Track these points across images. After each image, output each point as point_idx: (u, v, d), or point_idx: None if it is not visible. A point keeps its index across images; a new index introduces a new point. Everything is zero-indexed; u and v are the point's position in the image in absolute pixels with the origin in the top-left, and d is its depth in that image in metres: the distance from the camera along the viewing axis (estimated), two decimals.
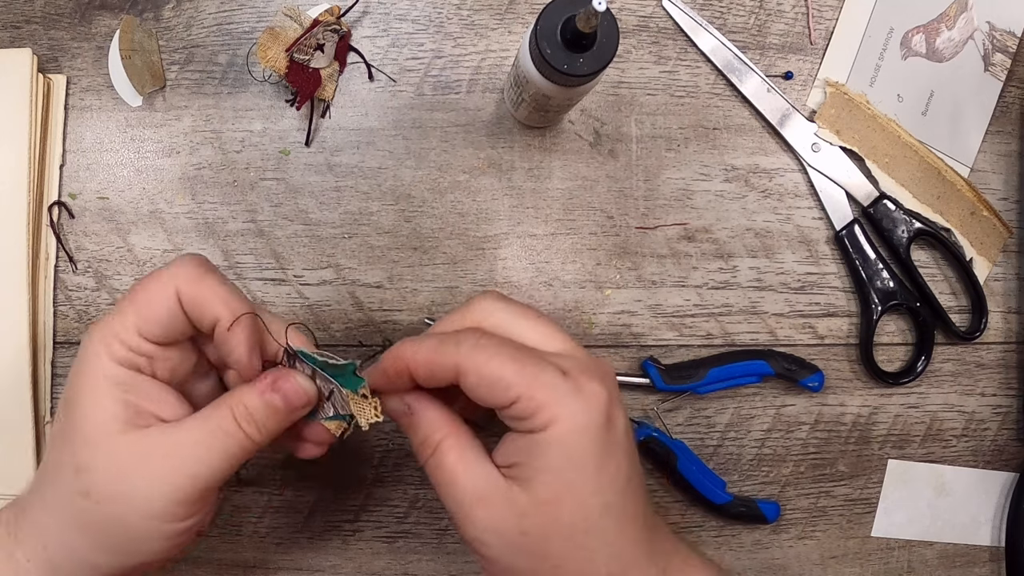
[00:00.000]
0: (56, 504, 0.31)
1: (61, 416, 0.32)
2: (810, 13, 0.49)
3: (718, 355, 0.48)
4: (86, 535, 0.31)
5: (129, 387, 0.31)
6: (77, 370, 0.31)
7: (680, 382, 0.46)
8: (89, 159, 0.45)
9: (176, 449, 0.30)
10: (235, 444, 0.31)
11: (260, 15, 0.46)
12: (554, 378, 0.29)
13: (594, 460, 0.30)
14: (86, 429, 0.30)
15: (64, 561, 0.31)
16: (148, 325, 0.30)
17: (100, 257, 0.45)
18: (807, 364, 0.47)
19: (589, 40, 0.35)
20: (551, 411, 0.29)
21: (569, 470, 0.29)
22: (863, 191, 0.49)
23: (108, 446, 0.30)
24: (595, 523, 0.30)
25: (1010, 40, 0.51)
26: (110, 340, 0.31)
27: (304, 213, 0.46)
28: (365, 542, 0.46)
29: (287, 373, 0.32)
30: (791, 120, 0.48)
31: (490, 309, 0.33)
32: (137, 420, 0.30)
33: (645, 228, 0.48)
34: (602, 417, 0.29)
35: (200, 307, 0.31)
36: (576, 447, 0.29)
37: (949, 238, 0.49)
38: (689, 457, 0.46)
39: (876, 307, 0.48)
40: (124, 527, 0.30)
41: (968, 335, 0.49)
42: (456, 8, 0.47)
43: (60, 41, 0.45)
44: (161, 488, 0.30)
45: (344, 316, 0.46)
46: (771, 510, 0.47)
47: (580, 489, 0.30)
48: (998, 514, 0.51)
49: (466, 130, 0.47)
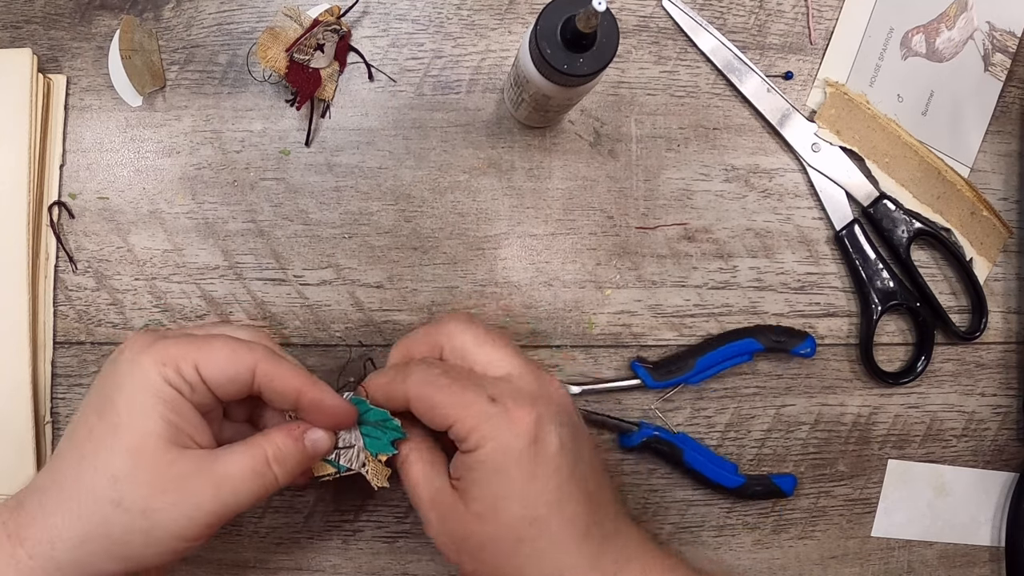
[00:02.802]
0: (79, 508, 0.32)
1: (93, 420, 0.32)
2: (810, 13, 0.49)
3: (703, 342, 0.47)
4: (104, 542, 0.31)
5: (174, 408, 0.32)
6: (120, 381, 0.32)
7: (671, 377, 0.46)
8: (89, 159, 0.45)
9: (215, 477, 0.32)
10: (262, 484, 0.34)
11: (260, 15, 0.46)
12: (483, 405, 0.34)
13: (520, 477, 0.33)
14: (129, 439, 0.32)
15: (70, 564, 0.32)
16: (212, 370, 0.33)
17: (100, 257, 0.45)
18: (796, 332, 0.47)
19: (589, 40, 0.35)
20: (480, 433, 0.33)
21: (496, 485, 0.33)
22: (863, 191, 0.49)
23: (150, 461, 0.32)
24: (525, 533, 0.33)
25: (1010, 40, 0.51)
26: (166, 361, 0.32)
27: (304, 213, 0.46)
28: (365, 542, 0.46)
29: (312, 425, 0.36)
30: (791, 120, 0.48)
31: (454, 332, 0.37)
32: (178, 440, 0.32)
33: (645, 228, 0.48)
34: (527, 438, 0.33)
35: (277, 382, 0.34)
36: (501, 465, 0.33)
37: (949, 238, 0.49)
38: (694, 447, 0.47)
39: (876, 307, 0.48)
40: (146, 540, 0.32)
41: (968, 335, 0.49)
42: (456, 8, 0.47)
43: (60, 41, 0.45)
44: (194, 510, 0.32)
45: (344, 316, 0.46)
46: (787, 483, 0.47)
47: (507, 503, 0.33)
48: (998, 514, 0.51)
49: (466, 130, 0.47)
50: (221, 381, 0.33)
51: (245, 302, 0.46)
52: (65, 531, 0.32)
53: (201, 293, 0.46)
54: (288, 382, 0.34)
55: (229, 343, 0.34)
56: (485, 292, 0.47)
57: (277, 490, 0.35)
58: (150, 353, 0.32)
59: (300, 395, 0.34)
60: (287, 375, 0.34)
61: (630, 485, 0.48)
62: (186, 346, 0.33)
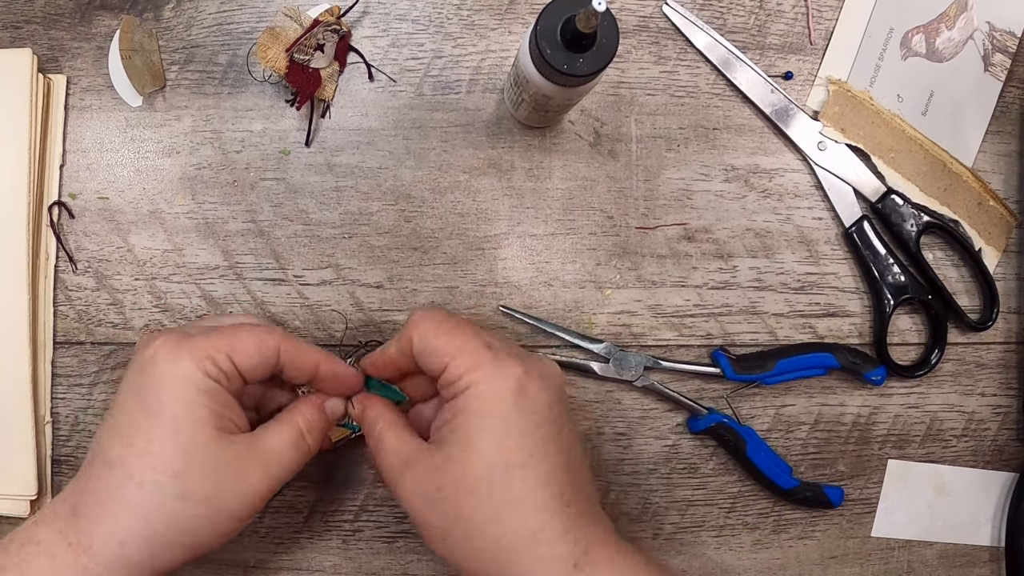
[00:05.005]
0: (144, 506, 0.33)
1: (140, 420, 0.34)
2: (810, 13, 0.49)
3: (786, 347, 0.48)
4: (173, 535, 0.33)
5: (215, 397, 0.34)
6: (163, 381, 0.34)
7: (749, 372, 0.47)
8: (89, 159, 0.45)
9: (262, 456, 0.35)
10: (301, 453, 0.36)
11: (260, 15, 0.46)
12: (479, 348, 0.35)
13: (502, 421, 0.34)
14: (183, 435, 0.33)
15: (140, 562, 0.33)
16: (243, 357, 0.35)
17: (100, 257, 0.45)
18: (870, 358, 0.48)
19: (589, 40, 0.35)
20: (471, 375, 0.34)
21: (477, 428, 0.34)
22: (870, 187, 0.49)
23: (204, 451, 0.33)
24: (499, 480, 0.33)
25: (1010, 40, 0.51)
26: (204, 357, 0.34)
27: (304, 213, 0.46)
28: (365, 542, 0.46)
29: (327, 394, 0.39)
30: (796, 120, 0.48)
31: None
32: (223, 426, 0.34)
33: (645, 228, 0.48)
34: (515, 385, 0.34)
35: (299, 359, 0.37)
36: (487, 406, 0.34)
37: (957, 230, 0.49)
38: (758, 443, 0.47)
39: (888, 302, 0.48)
40: (210, 525, 0.34)
41: (980, 325, 0.49)
42: (456, 8, 0.47)
43: (60, 41, 0.45)
44: (249, 488, 0.34)
45: (344, 316, 0.46)
46: (836, 495, 0.48)
47: (485, 444, 0.34)
48: (998, 514, 0.51)
49: (466, 130, 0.47)
50: (253, 365, 0.36)
51: (245, 302, 0.46)
52: (133, 532, 0.33)
53: (201, 293, 0.46)
54: (308, 357, 0.37)
55: (255, 331, 0.36)
56: (485, 292, 0.47)
57: (310, 458, 0.37)
58: (188, 351, 0.34)
59: (318, 367, 0.37)
60: (307, 351, 0.37)
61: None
62: (218, 340, 0.35)
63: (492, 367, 0.34)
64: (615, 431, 0.48)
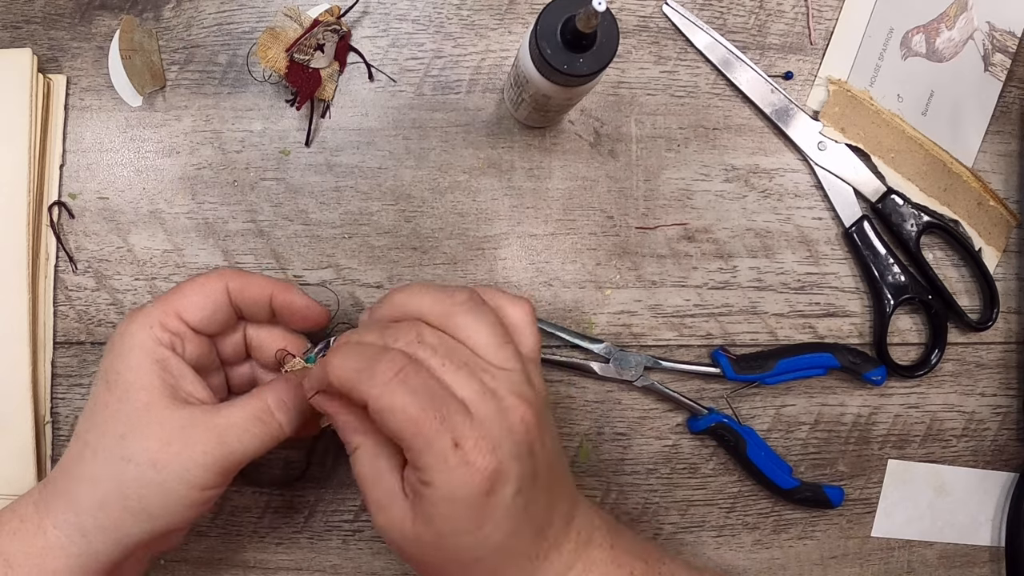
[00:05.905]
0: (94, 471, 0.34)
1: (102, 393, 0.35)
2: (810, 13, 0.49)
3: (786, 347, 0.48)
4: (122, 500, 0.33)
5: (168, 366, 0.35)
6: (119, 352, 0.35)
7: (749, 372, 0.47)
8: (89, 159, 0.45)
9: (217, 427, 0.34)
10: (267, 431, 0.35)
11: (260, 15, 0.46)
12: (444, 449, 0.30)
13: (466, 524, 0.31)
14: (132, 399, 0.34)
15: (94, 529, 0.34)
16: (192, 311, 0.35)
17: (100, 257, 0.45)
18: (870, 358, 0.48)
19: (589, 40, 0.35)
20: (431, 476, 0.30)
21: (445, 519, 0.31)
22: (870, 187, 0.49)
23: (154, 415, 0.34)
24: (469, 565, 0.32)
25: (1010, 40, 0.51)
26: (152, 323, 0.35)
27: (304, 213, 0.46)
28: (365, 542, 0.46)
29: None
30: (796, 120, 0.48)
31: (461, 326, 0.34)
32: (177, 395, 0.35)
33: (645, 228, 0.48)
34: (481, 488, 0.30)
35: (249, 290, 0.37)
36: (449, 511, 0.31)
37: (957, 230, 0.49)
38: (758, 443, 0.47)
39: (889, 302, 0.48)
40: (161, 491, 0.33)
41: (980, 325, 0.49)
42: (456, 8, 0.47)
43: (60, 41, 0.45)
44: (201, 457, 0.33)
45: (344, 316, 0.46)
46: (836, 495, 0.48)
47: (455, 538, 0.31)
48: (998, 514, 0.51)
49: (466, 130, 0.47)
50: (205, 316, 0.36)
51: None
52: (85, 497, 0.34)
53: None
54: (259, 288, 0.37)
55: (196, 280, 0.36)
56: None
57: (285, 437, 0.36)
58: (138, 322, 0.35)
59: (272, 298, 0.37)
60: (256, 282, 0.37)
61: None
62: (163, 303, 0.36)
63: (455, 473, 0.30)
64: (615, 431, 0.48)
